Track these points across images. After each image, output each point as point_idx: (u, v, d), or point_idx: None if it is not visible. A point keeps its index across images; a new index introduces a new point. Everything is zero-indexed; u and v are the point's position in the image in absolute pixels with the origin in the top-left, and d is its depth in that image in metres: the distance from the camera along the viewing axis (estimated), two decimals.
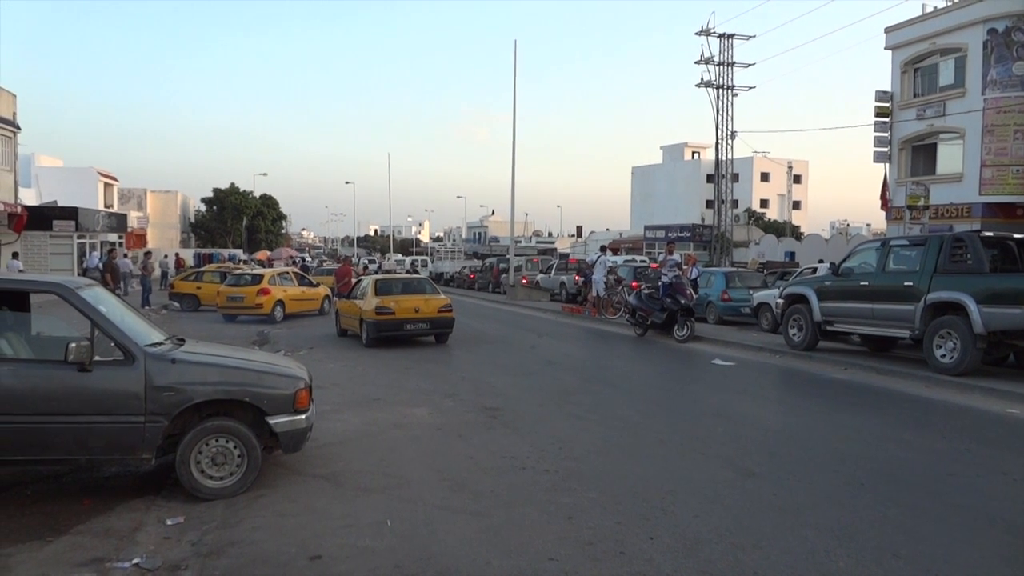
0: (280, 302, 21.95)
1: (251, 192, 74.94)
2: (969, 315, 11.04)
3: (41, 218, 30.73)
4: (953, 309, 11.43)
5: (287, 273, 24.54)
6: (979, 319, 10.89)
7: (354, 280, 20.45)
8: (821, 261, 25.37)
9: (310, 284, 24.56)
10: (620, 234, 67.48)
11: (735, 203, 46.26)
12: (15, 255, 25.55)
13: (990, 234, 12.61)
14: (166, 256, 41.81)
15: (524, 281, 32.06)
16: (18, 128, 29.85)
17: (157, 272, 34.82)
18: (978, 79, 26.08)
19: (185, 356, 6.12)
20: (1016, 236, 12.65)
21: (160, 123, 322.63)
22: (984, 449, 7.74)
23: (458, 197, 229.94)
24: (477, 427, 8.46)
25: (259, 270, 26.91)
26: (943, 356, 11.51)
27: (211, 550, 4.92)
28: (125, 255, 30.48)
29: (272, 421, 6.13)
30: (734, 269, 22.05)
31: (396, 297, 16.32)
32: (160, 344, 6.24)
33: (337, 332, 18.30)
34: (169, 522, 5.46)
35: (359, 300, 16.83)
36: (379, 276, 19.37)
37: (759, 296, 18.82)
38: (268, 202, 77.97)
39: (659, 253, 40.41)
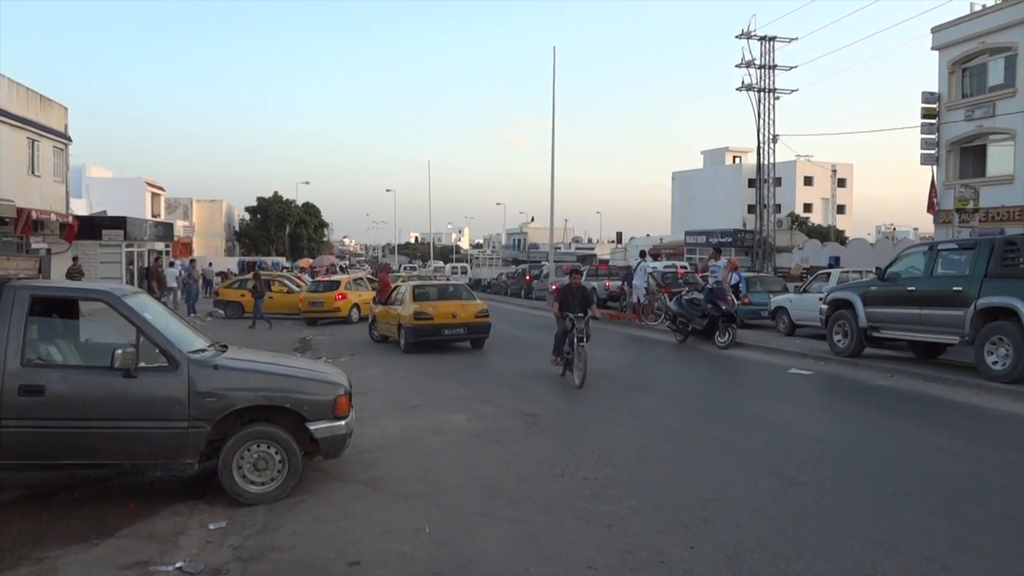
0: (356, 305, 24.19)
1: (294, 200, 76.10)
2: (1021, 320, 10.72)
3: (91, 227, 31.48)
4: (1005, 314, 11.11)
5: (361, 279, 27.39)
6: None
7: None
8: (833, 266, 26.45)
9: None
10: (660, 239, 67.05)
11: (777, 208, 45.60)
12: (172, 263, 27.08)
13: None
14: (210, 264, 42.60)
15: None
16: (69, 140, 30.65)
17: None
18: None
19: (227, 362, 6.21)
20: None
21: (206, 133, 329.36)
22: None
23: (497, 204, 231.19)
24: (515, 433, 8.44)
25: (336, 276, 29.91)
26: (994, 363, 11.19)
27: (252, 555, 4.98)
28: (172, 263, 31.02)
29: (312, 427, 6.18)
30: (753, 274, 22.43)
31: (434, 303, 16.49)
32: (203, 351, 6.34)
33: (373, 338, 18.43)
34: (211, 526, 5.54)
35: (397, 306, 16.95)
36: (417, 282, 19.52)
37: (776, 300, 19.45)
38: (310, 210, 79.04)
39: (700, 258, 40.06)
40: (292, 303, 25.45)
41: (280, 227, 72.29)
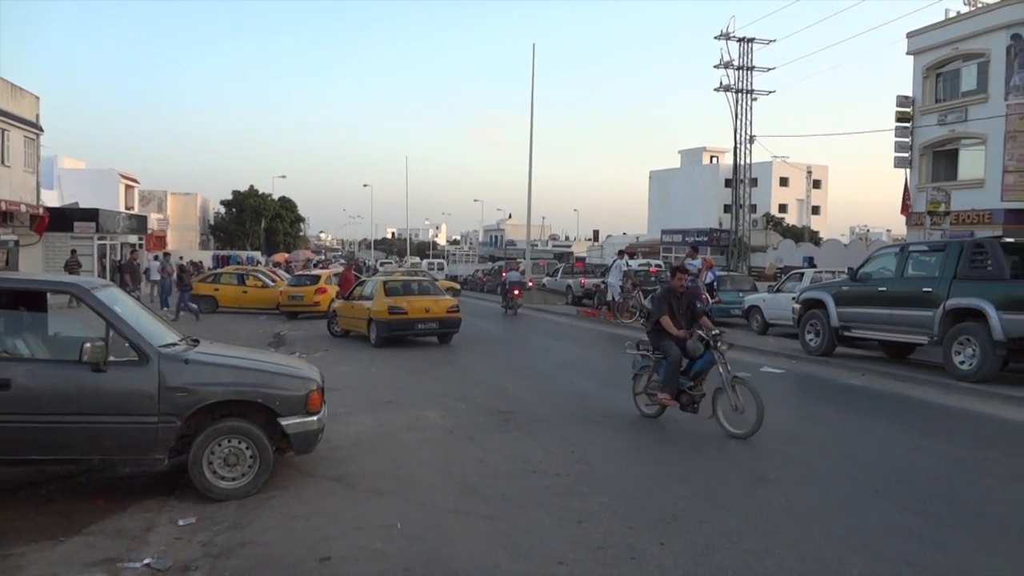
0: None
1: (270, 194, 75.46)
2: (989, 321, 10.90)
3: (62, 220, 31.01)
4: (973, 315, 11.29)
5: (339, 274, 26.68)
6: (999, 326, 10.75)
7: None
8: (806, 266, 26.78)
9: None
10: (637, 238, 67.38)
11: (753, 208, 46.02)
12: (156, 257, 26.61)
13: (1011, 240, 12.43)
14: (181, 258, 42.20)
15: (531, 284, 32.10)
16: (41, 130, 30.18)
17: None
18: (1001, 85, 25.85)
19: (199, 357, 6.15)
20: None
21: (181, 125, 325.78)
22: (1003, 457, 7.64)
23: (475, 200, 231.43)
24: (489, 430, 8.44)
25: (315, 271, 29.59)
26: (962, 363, 11.37)
27: (222, 551, 4.94)
28: (156, 257, 30.60)
29: (284, 422, 6.14)
30: (725, 273, 22.79)
31: (408, 298, 16.77)
32: (174, 345, 6.28)
33: (332, 333, 18.47)
34: (181, 523, 5.49)
35: (365, 301, 17.09)
36: (387, 278, 19.65)
37: (750, 299, 19.75)
38: (286, 204, 78.44)
39: (676, 257, 40.27)
40: (266, 297, 25.28)
41: (256, 221, 71.67)
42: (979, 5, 27.66)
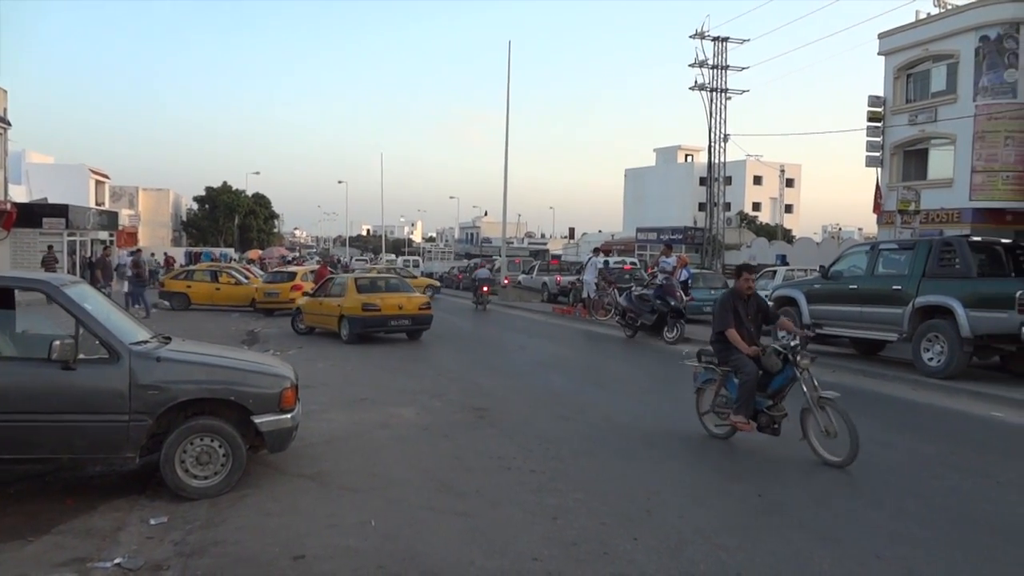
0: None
1: (243, 191, 74.84)
2: (956, 319, 11.09)
3: (31, 215, 30.49)
4: (941, 313, 11.48)
5: (315, 271, 27.32)
6: (966, 323, 10.94)
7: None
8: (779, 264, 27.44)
9: None
10: (612, 236, 67.60)
11: (727, 206, 46.36)
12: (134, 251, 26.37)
13: (978, 239, 12.67)
14: (152, 255, 41.69)
15: (507, 282, 32.19)
16: (8, 124, 29.67)
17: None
18: (970, 86, 26.22)
19: (170, 355, 6.09)
20: (1004, 241, 12.75)
21: (153, 121, 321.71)
22: (969, 452, 7.78)
23: (451, 198, 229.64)
24: (464, 427, 8.45)
25: (291, 268, 29.87)
26: (930, 359, 11.56)
27: (194, 550, 4.90)
28: (131, 253, 30.18)
29: (257, 420, 6.10)
30: (697, 271, 23.02)
31: (381, 294, 17.00)
32: (145, 342, 6.22)
33: (297, 330, 18.48)
34: (152, 522, 5.44)
35: (335, 298, 17.24)
36: (358, 275, 20.02)
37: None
38: (260, 201, 77.87)
39: (651, 255, 40.50)
40: (240, 295, 25.09)
41: (229, 218, 71.02)
42: (948, 7, 28.05)
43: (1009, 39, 25.35)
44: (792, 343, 7.24)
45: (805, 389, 7.02)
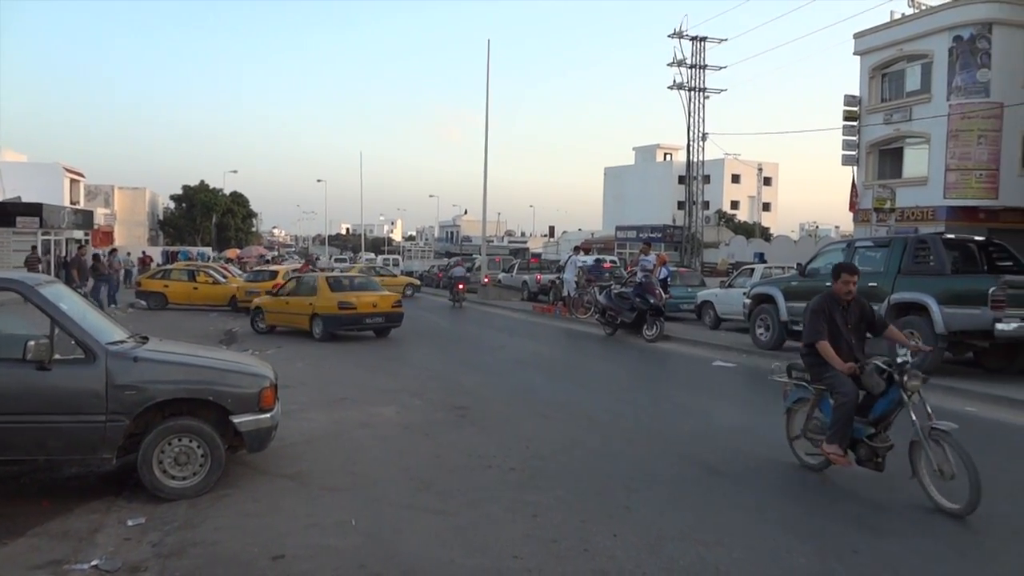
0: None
1: (221, 189, 74.30)
2: (931, 315, 11.22)
3: (4, 214, 29.99)
4: (916, 309, 11.62)
5: (297, 269, 27.30)
6: (940, 319, 11.07)
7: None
8: (757, 262, 27.65)
9: None
10: (592, 234, 67.79)
11: (706, 204, 46.73)
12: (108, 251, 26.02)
13: (952, 236, 12.85)
14: (128, 254, 41.28)
15: (487, 280, 32.25)
16: None
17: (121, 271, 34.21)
18: (943, 85, 26.57)
19: (148, 354, 6.04)
20: (977, 239, 12.92)
21: (129, 119, 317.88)
22: None
23: (431, 196, 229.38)
24: (444, 426, 8.45)
25: (273, 267, 30.09)
26: (906, 355, 11.67)
27: (172, 551, 4.87)
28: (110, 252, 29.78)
29: (236, 420, 6.07)
30: (674, 269, 23.31)
31: (356, 293, 17.40)
32: (122, 342, 6.16)
33: (256, 330, 18.41)
34: (130, 523, 5.39)
35: (305, 297, 17.44)
36: (329, 274, 20.35)
37: (703, 295, 20.10)
38: (238, 199, 77.35)
39: (631, 253, 40.67)
40: (218, 294, 24.91)
41: (206, 216, 70.49)
42: (923, 8, 28.39)
43: (982, 39, 25.71)
44: (900, 359, 5.99)
45: (914, 417, 5.82)
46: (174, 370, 6.07)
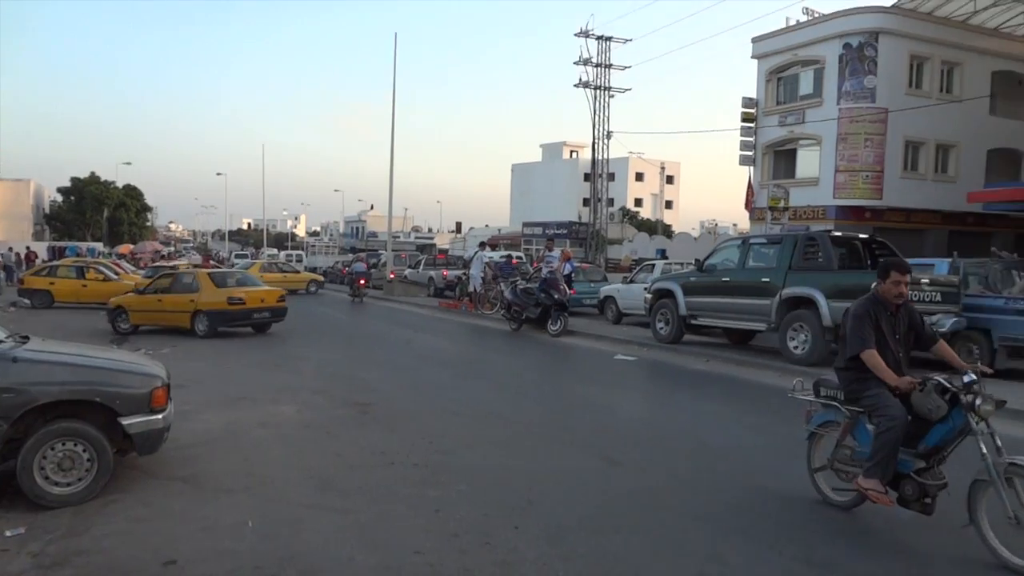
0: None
1: (113, 182, 71.03)
2: (819, 309, 11.77)
3: None
4: (805, 303, 12.16)
5: (198, 266, 27.48)
6: (827, 312, 11.62)
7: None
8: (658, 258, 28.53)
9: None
10: (499, 230, 68.08)
11: (610, 201, 47.49)
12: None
13: (839, 234, 13.52)
14: (10, 249, 39.03)
15: (392, 276, 32.05)
16: None
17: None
18: (834, 90, 27.84)
19: (28, 355, 5.73)
20: (862, 236, 13.62)
21: (11, 107, 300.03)
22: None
23: (336, 191, 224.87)
24: (347, 423, 8.33)
25: (174, 263, 29.87)
26: (796, 347, 12.23)
27: (54, 561, 4.63)
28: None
29: (125, 422, 5.82)
30: (578, 265, 23.83)
31: (244, 288, 17.37)
32: (0, 342, 5.83)
33: (118, 330, 17.31)
34: (8, 533, 5.09)
35: (185, 294, 16.95)
36: (210, 271, 20.10)
37: (605, 290, 20.60)
38: (132, 193, 74.15)
39: (537, 249, 41.02)
40: (109, 292, 23.76)
41: (97, 210, 67.25)
42: (816, 15, 29.66)
43: (869, 47, 27.08)
44: (967, 377, 4.75)
45: (985, 450, 4.62)
46: (58, 371, 5.77)
